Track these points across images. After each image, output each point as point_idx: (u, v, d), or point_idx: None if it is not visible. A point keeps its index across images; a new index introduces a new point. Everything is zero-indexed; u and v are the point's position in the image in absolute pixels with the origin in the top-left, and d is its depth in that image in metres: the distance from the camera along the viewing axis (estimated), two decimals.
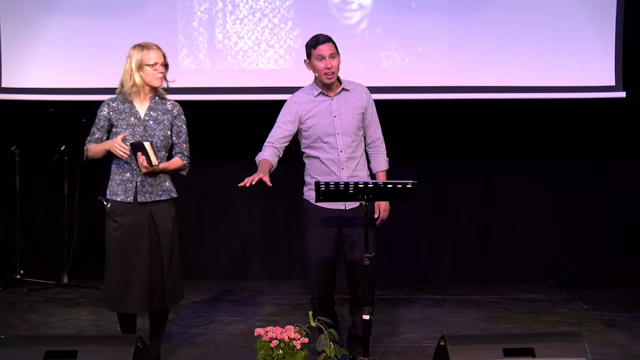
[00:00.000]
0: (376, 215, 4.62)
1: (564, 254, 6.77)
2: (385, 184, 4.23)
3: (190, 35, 6.25)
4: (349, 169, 4.57)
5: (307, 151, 4.67)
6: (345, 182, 4.18)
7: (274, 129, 4.65)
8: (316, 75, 4.58)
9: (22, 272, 6.43)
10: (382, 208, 4.64)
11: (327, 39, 4.53)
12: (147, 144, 4.29)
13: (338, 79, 4.60)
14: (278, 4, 6.22)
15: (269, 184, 4.27)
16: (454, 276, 6.71)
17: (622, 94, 6.33)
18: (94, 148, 4.43)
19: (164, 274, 4.42)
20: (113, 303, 4.43)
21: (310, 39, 4.58)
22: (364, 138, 4.69)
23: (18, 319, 5.62)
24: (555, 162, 6.75)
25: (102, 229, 4.50)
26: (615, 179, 6.73)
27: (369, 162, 4.72)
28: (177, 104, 4.54)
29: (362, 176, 4.62)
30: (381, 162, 4.71)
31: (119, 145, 4.27)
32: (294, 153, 6.64)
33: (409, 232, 6.68)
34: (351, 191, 4.17)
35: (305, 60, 4.60)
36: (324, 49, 4.49)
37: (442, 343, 3.89)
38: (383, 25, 6.25)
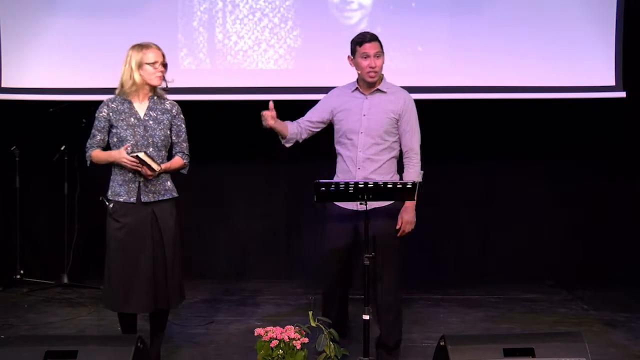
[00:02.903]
0: (398, 226, 4.52)
1: (564, 254, 6.78)
2: (385, 184, 4.21)
3: (190, 35, 6.25)
4: (365, 170, 4.53)
5: (336, 147, 4.67)
6: (345, 182, 4.17)
7: (307, 112, 4.70)
8: (359, 72, 4.56)
9: (22, 272, 6.43)
10: (404, 220, 4.51)
11: (373, 38, 4.51)
12: (141, 155, 4.26)
13: (381, 79, 4.58)
14: (278, 3, 6.22)
15: (271, 106, 4.37)
16: (454, 276, 6.72)
17: (622, 94, 6.33)
18: (99, 156, 4.41)
19: (167, 274, 4.43)
20: (116, 303, 4.42)
21: (357, 35, 4.56)
22: (401, 147, 4.60)
23: (18, 319, 5.62)
24: (555, 162, 6.75)
25: (102, 229, 4.49)
26: (615, 179, 6.74)
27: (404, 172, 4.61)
28: (175, 103, 4.54)
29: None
30: (410, 174, 4.57)
31: (128, 160, 4.28)
32: (294, 153, 6.66)
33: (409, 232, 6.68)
34: (351, 191, 4.17)
35: (348, 57, 4.59)
36: (370, 47, 4.47)
37: (442, 343, 3.89)
38: (383, 25, 6.25)
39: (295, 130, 4.65)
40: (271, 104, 4.44)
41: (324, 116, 4.65)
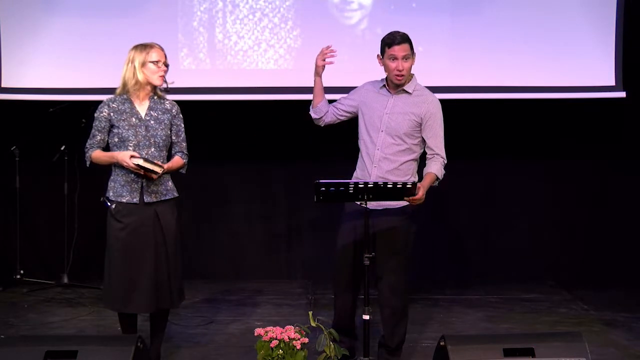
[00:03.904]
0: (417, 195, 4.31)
1: (564, 254, 6.78)
2: (385, 183, 4.20)
3: (190, 35, 6.25)
4: (381, 169, 4.50)
5: (358, 143, 4.65)
6: (345, 183, 4.17)
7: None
8: (387, 73, 4.54)
9: (22, 272, 6.42)
10: (421, 193, 4.31)
11: (403, 40, 4.44)
12: (141, 162, 4.25)
13: (410, 78, 4.54)
14: (278, 3, 6.22)
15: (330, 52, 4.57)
16: (454, 276, 6.71)
17: (622, 94, 6.33)
18: (100, 157, 4.41)
19: (169, 273, 4.43)
20: (118, 303, 4.42)
21: (387, 35, 4.51)
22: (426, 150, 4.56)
23: (18, 319, 5.62)
24: (555, 162, 6.75)
25: (102, 229, 4.49)
26: (615, 179, 6.74)
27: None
28: (175, 103, 4.55)
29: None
30: (430, 166, 4.50)
31: (132, 167, 4.28)
32: (294, 153, 6.67)
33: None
34: (351, 191, 4.17)
35: (378, 55, 4.56)
36: (398, 50, 4.42)
37: (442, 343, 3.90)
38: (383, 25, 6.23)
39: (324, 107, 4.68)
40: (333, 50, 4.54)
41: (351, 104, 4.65)
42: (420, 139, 4.55)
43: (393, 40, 4.45)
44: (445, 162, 4.56)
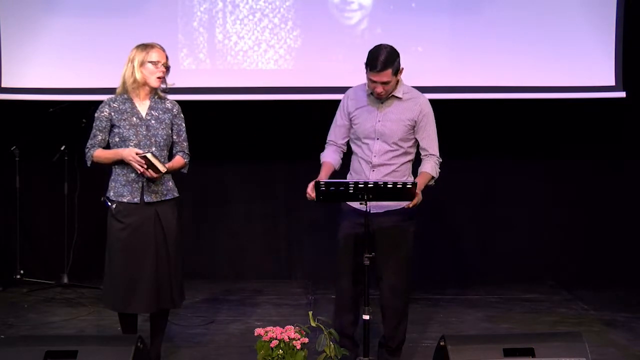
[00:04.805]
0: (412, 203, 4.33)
1: (564, 254, 6.78)
2: (385, 183, 4.20)
3: (190, 35, 6.25)
4: (380, 172, 4.47)
5: (352, 145, 4.60)
6: (345, 182, 4.16)
7: (332, 125, 4.63)
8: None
9: (22, 272, 6.43)
10: (419, 197, 4.34)
11: (383, 68, 4.31)
12: (149, 156, 4.26)
13: (398, 84, 4.46)
14: (278, 4, 6.22)
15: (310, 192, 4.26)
16: (454, 276, 6.72)
17: (622, 94, 6.33)
18: (103, 155, 4.40)
19: (171, 274, 4.43)
20: (118, 303, 4.42)
21: (370, 54, 4.37)
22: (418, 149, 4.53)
23: (18, 319, 5.62)
24: (555, 162, 6.75)
25: (102, 229, 4.49)
26: (615, 179, 6.74)
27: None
28: (176, 102, 4.55)
29: None
30: (424, 166, 4.49)
31: (136, 161, 4.27)
32: (294, 153, 6.67)
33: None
34: (351, 191, 4.16)
35: None
36: (376, 77, 4.33)
37: (442, 343, 3.90)
38: (383, 25, 6.25)
39: (337, 155, 4.59)
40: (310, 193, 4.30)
41: (346, 125, 4.57)
42: (414, 140, 4.53)
43: (373, 66, 4.33)
44: (440, 160, 4.56)
